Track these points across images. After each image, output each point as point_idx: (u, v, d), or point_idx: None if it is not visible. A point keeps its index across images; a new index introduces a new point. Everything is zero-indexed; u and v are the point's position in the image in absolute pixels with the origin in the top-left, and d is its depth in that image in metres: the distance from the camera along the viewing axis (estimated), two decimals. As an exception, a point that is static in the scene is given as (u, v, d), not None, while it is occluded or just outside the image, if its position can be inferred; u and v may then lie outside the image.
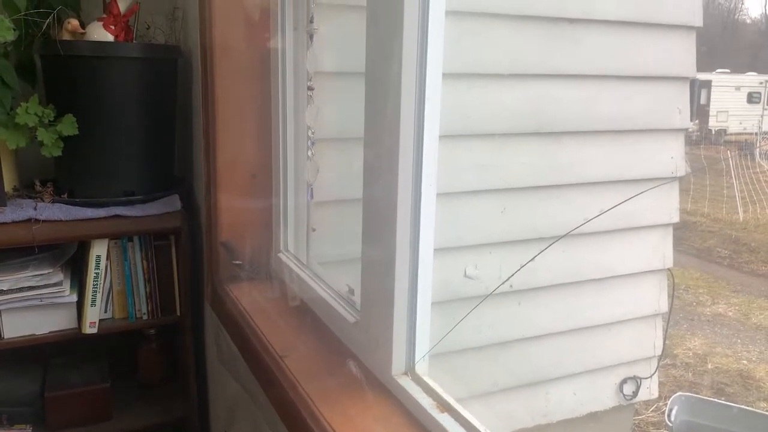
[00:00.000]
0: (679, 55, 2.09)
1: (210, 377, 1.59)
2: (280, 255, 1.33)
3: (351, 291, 1.05)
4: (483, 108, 1.82)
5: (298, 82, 1.18)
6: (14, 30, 1.22)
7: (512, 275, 1.65)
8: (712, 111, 2.52)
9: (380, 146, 0.84)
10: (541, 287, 2.01)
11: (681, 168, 2.22)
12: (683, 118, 2.15)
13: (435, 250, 1.88)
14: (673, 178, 2.25)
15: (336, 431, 0.80)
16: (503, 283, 1.58)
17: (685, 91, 2.15)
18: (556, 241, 1.88)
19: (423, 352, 0.88)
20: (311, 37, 1.08)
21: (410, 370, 0.87)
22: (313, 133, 1.12)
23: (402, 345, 0.87)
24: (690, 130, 2.17)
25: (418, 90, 0.79)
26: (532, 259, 1.73)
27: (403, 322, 0.86)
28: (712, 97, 2.53)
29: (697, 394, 2.73)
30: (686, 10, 2.07)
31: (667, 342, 3.13)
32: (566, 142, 1.98)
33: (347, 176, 0.95)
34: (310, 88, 1.10)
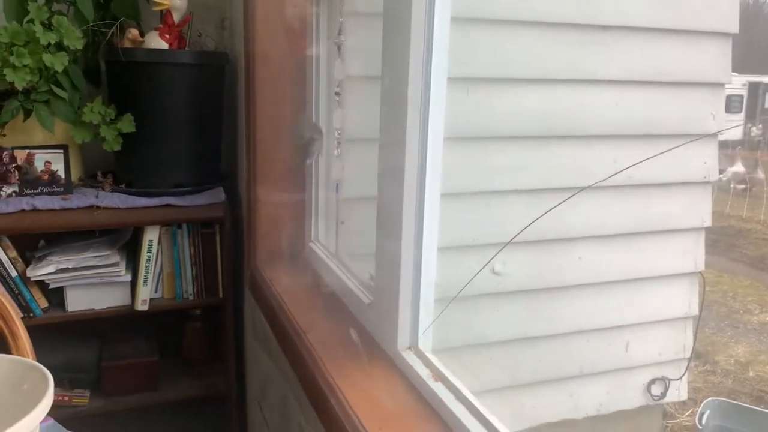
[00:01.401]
0: (715, 61, 2.11)
1: (247, 355, 1.73)
2: (312, 245, 1.45)
3: (372, 278, 1.17)
4: (515, 111, 1.89)
5: (329, 89, 1.31)
6: (82, 39, 1.38)
7: (486, 265, 1.72)
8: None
9: (391, 148, 0.95)
10: (571, 286, 2.06)
11: (714, 173, 2.23)
12: (717, 123, 2.17)
13: (464, 246, 1.98)
14: (706, 183, 2.26)
15: (346, 396, 0.92)
16: (489, 262, 1.65)
17: (719, 96, 2.17)
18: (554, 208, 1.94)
19: (425, 328, 0.98)
20: (339, 47, 1.20)
21: (414, 346, 0.98)
22: (339, 134, 1.24)
23: (407, 323, 0.98)
24: (753, 134, 2.15)
25: (423, 96, 0.88)
26: (506, 244, 1.80)
27: (408, 304, 0.97)
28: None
29: (734, 400, 2.71)
30: (722, 17, 2.08)
31: (709, 348, 3.13)
32: (597, 145, 2.03)
33: (372, 175, 1.05)
34: (337, 94, 1.22)
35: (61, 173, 1.48)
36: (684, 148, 2.15)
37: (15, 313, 0.81)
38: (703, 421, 2.39)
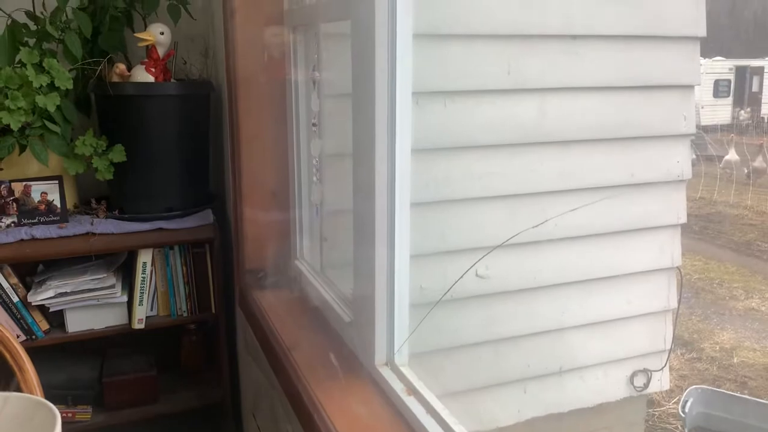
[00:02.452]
0: (683, 64, 2.18)
1: (241, 366, 1.81)
2: (297, 262, 1.53)
3: (353, 293, 1.25)
4: (489, 120, 1.95)
5: (308, 117, 1.38)
6: (72, 79, 1.46)
7: (464, 274, 1.80)
8: (766, 98, 2.40)
9: (362, 163, 1.02)
10: (551, 285, 2.14)
11: (687, 172, 2.29)
12: (688, 125, 2.23)
13: (450, 252, 2.05)
14: (680, 181, 2.32)
15: (326, 409, 1.00)
16: (460, 278, 1.73)
17: (690, 98, 2.23)
18: (515, 236, 2.01)
19: (399, 345, 1.07)
20: (314, 82, 1.28)
21: (390, 361, 1.07)
22: (317, 161, 1.32)
23: (383, 340, 1.06)
24: (741, 118, 2.18)
25: (389, 110, 0.95)
26: (485, 255, 1.87)
27: (384, 321, 1.05)
28: (765, 83, 2.37)
29: (719, 387, 2.78)
30: (689, 22, 2.15)
31: (695, 336, 3.21)
32: (574, 150, 2.10)
33: (351, 188, 1.11)
34: (314, 125, 1.30)
35: (57, 203, 1.56)
36: (658, 148, 2.22)
37: (22, 349, 0.88)
38: (686, 409, 2.46)
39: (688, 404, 2.47)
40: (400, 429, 0.93)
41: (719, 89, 2.22)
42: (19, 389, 1.00)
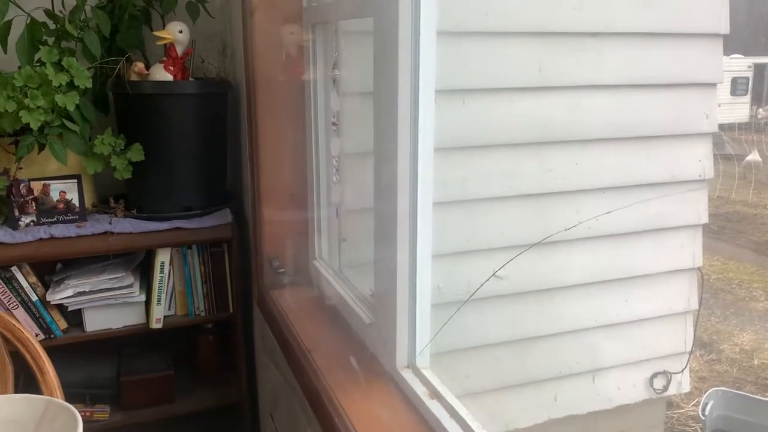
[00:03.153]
0: (706, 61, 2.15)
1: (258, 366, 1.81)
2: (315, 262, 1.52)
3: (372, 294, 1.24)
4: (509, 119, 1.94)
5: (327, 117, 1.37)
6: (91, 78, 1.46)
7: (496, 272, 1.78)
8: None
9: (384, 161, 1.00)
10: (570, 286, 2.12)
11: (709, 171, 2.26)
12: (710, 123, 2.20)
13: (467, 252, 2.04)
14: (701, 181, 2.29)
15: (347, 413, 0.99)
16: (489, 278, 1.71)
17: (712, 96, 2.20)
18: (534, 244, 1.99)
19: (422, 349, 1.05)
20: (334, 81, 1.26)
21: (411, 364, 1.05)
22: (337, 161, 1.31)
23: (404, 343, 1.05)
24: (760, 117, 2.16)
25: (412, 109, 0.94)
26: (519, 254, 1.85)
27: (405, 323, 1.04)
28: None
29: (739, 389, 2.74)
30: (712, 19, 2.12)
31: (714, 337, 3.17)
32: (593, 149, 2.08)
33: (371, 187, 1.10)
34: (334, 124, 1.28)
35: (76, 202, 1.56)
36: (680, 147, 2.19)
37: (42, 351, 0.88)
38: (707, 411, 2.43)
39: (708, 407, 2.44)
40: (423, 434, 0.92)
41: (737, 87, 2.19)
42: (38, 389, 1.00)
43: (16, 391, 1.04)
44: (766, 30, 1.96)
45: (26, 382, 1.21)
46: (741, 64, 2.19)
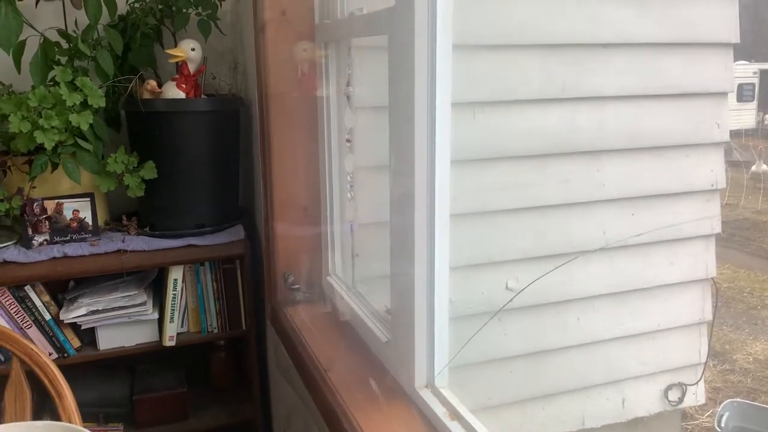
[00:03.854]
0: (717, 71, 2.14)
1: (272, 383, 1.79)
2: (329, 278, 1.51)
3: (388, 311, 1.23)
4: (521, 132, 1.93)
5: (340, 133, 1.37)
6: (103, 97, 1.46)
7: (524, 288, 1.78)
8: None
9: (401, 174, 0.99)
10: (583, 297, 2.10)
11: (721, 180, 2.25)
12: (722, 132, 2.19)
13: (478, 265, 2.02)
14: (714, 191, 2.28)
15: (366, 434, 0.98)
16: (515, 297, 1.70)
17: (722, 105, 2.19)
18: (574, 258, 1.98)
19: (441, 368, 1.04)
20: (348, 97, 1.26)
21: (430, 384, 1.04)
22: (351, 178, 1.30)
23: (423, 362, 1.04)
24: (766, 123, 2.14)
25: (429, 122, 0.94)
26: (548, 273, 1.84)
27: (423, 341, 1.03)
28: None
29: (754, 400, 2.71)
30: (722, 28, 2.11)
31: (727, 347, 3.14)
32: (604, 160, 2.07)
33: (385, 201, 1.10)
34: (348, 141, 1.28)
35: (89, 220, 1.56)
36: (690, 157, 2.18)
37: (60, 374, 0.87)
38: (722, 423, 2.40)
39: (724, 418, 2.42)
40: (445, 456, 0.90)
41: (743, 93, 2.17)
42: (50, 409, 0.99)
43: (33, 412, 1.03)
44: (770, 36, 1.95)
45: (40, 403, 1.21)
46: (747, 71, 2.17)
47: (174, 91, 1.53)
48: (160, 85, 1.57)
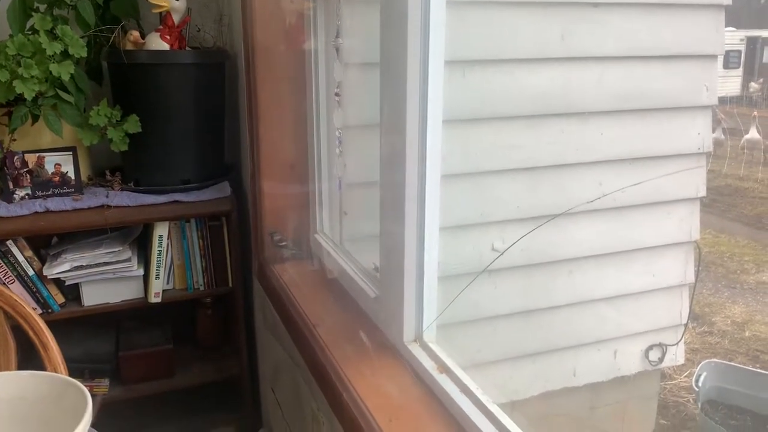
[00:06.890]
0: (707, 33, 2.12)
1: (258, 341, 1.80)
2: (317, 236, 1.50)
3: (376, 268, 1.22)
4: (508, 91, 1.91)
5: (329, 87, 1.34)
6: (85, 47, 1.41)
7: (508, 248, 1.78)
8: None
9: (392, 133, 0.98)
10: (568, 259, 2.12)
11: (708, 144, 2.26)
12: (710, 95, 2.19)
13: (466, 225, 2.02)
14: (700, 154, 2.29)
15: (355, 387, 0.98)
16: (499, 256, 1.70)
17: (712, 68, 2.19)
18: (552, 217, 1.98)
19: (429, 322, 1.04)
20: (337, 50, 1.23)
21: (419, 338, 1.04)
22: (340, 132, 1.28)
23: (412, 317, 1.03)
24: (751, 90, 2.15)
25: (421, 80, 0.91)
26: (529, 232, 1.85)
27: (412, 297, 1.02)
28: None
29: (731, 361, 2.77)
30: (715, -10, 2.09)
31: (706, 309, 3.19)
32: (593, 121, 2.06)
33: (374, 160, 1.08)
34: (337, 95, 1.25)
35: (71, 174, 1.53)
36: (679, 120, 2.18)
37: (45, 326, 0.86)
38: (700, 383, 2.45)
39: (702, 378, 2.47)
40: (433, 407, 0.91)
41: (729, 60, 2.16)
42: (36, 363, 0.98)
43: (17, 365, 1.02)
44: (758, 2, 1.94)
45: (24, 356, 1.20)
46: (733, 37, 2.16)
47: (158, 42, 1.49)
48: (143, 36, 1.52)
